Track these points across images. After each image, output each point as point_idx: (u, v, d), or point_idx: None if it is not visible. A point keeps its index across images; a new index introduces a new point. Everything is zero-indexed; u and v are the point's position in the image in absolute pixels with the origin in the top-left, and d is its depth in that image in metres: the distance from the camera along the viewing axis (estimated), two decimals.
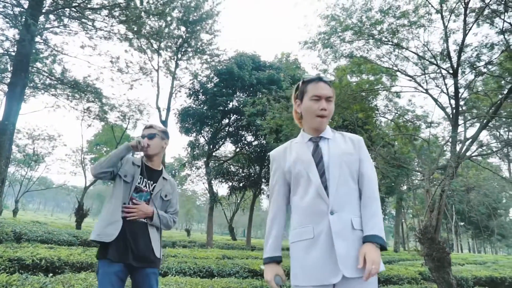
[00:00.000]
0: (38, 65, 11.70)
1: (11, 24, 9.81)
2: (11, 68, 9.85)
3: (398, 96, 10.86)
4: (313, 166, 1.69)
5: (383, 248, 1.55)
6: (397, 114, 11.88)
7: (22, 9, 9.28)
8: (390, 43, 8.67)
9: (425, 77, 9.18)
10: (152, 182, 2.43)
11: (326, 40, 8.59)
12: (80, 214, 21.99)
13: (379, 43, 8.75)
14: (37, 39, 10.31)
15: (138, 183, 2.37)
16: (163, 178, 2.50)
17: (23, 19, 8.96)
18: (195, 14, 19.57)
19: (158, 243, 2.39)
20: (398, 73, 9.75)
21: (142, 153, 2.53)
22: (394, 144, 15.52)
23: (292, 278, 1.66)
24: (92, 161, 34.85)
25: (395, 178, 14.23)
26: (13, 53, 9.99)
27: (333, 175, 1.65)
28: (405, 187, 26.86)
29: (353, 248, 1.56)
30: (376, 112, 12.26)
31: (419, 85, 9.08)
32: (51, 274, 4.63)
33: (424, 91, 9.01)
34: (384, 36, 8.47)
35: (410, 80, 9.41)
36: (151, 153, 2.47)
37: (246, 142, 22.71)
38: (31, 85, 12.32)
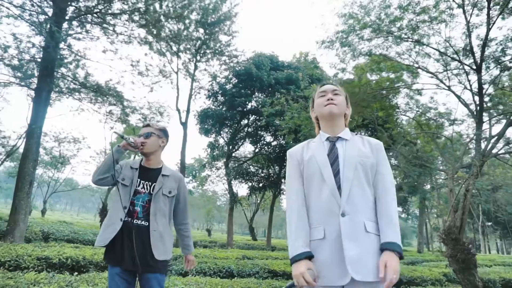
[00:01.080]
0: (63, 70, 12.10)
1: (36, 32, 10.20)
2: (38, 74, 10.23)
3: (419, 94, 10.61)
4: (327, 165, 1.68)
5: (401, 257, 1.53)
6: (418, 112, 11.61)
7: (47, 17, 9.63)
8: (410, 39, 8.49)
9: (447, 73, 8.94)
10: (150, 182, 2.38)
11: (344, 38, 8.50)
12: (104, 214, 22.64)
13: (399, 40, 8.58)
14: (61, 45, 10.66)
15: (137, 187, 2.34)
16: (163, 175, 2.42)
17: (48, 27, 9.29)
18: (213, 16, 19.74)
19: (162, 247, 2.27)
20: (419, 70, 9.54)
21: (141, 159, 2.52)
22: (416, 142, 15.19)
23: None
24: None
25: (417, 177, 13.91)
26: (39, 60, 10.38)
27: (347, 176, 1.63)
28: (428, 186, 26.22)
29: (366, 251, 1.54)
30: (397, 110, 12.03)
31: (441, 82, 8.85)
32: (76, 273, 4.79)
33: (447, 88, 8.77)
34: (403, 33, 8.31)
35: (432, 77, 9.18)
36: (147, 151, 2.43)
37: (265, 142, 22.74)
38: (56, 89, 12.74)
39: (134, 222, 2.24)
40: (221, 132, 22.21)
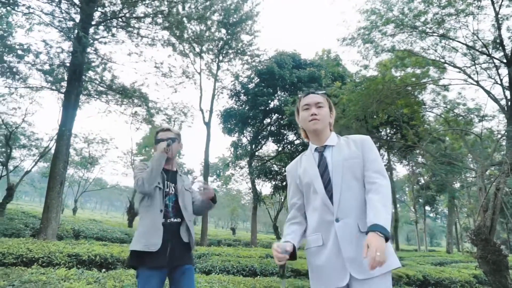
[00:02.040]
0: (90, 73, 12.54)
1: (65, 37, 10.62)
2: (67, 78, 10.64)
3: (446, 90, 10.27)
4: (318, 177, 1.77)
5: (386, 239, 1.52)
6: (446, 108, 11.24)
7: (74, 23, 10.01)
8: (436, 34, 8.23)
9: (475, 68, 8.62)
10: (174, 183, 2.53)
11: (366, 35, 8.34)
12: (132, 213, 23.31)
13: (424, 35, 8.34)
14: (89, 49, 11.04)
15: (166, 188, 2.47)
16: (179, 175, 2.62)
17: (75, 32, 9.66)
18: (235, 16, 19.87)
19: (192, 239, 2.45)
20: (445, 65, 9.24)
21: None
22: (444, 140, 14.72)
23: (312, 283, 1.79)
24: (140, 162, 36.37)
25: (445, 175, 13.47)
26: (67, 64, 10.80)
27: (336, 183, 1.71)
28: (458, 185, 25.35)
29: (362, 250, 1.56)
30: (424, 107, 11.69)
31: (469, 77, 8.54)
32: (104, 270, 4.97)
33: (475, 83, 8.46)
34: (428, 27, 8.06)
35: (459, 72, 8.88)
36: (172, 157, 2.55)
37: (288, 141, 22.65)
38: (85, 92, 13.22)
39: (168, 221, 2.38)
40: (244, 131, 22.32)
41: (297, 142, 22.04)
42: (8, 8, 9.62)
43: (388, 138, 17.07)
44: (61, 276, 3.90)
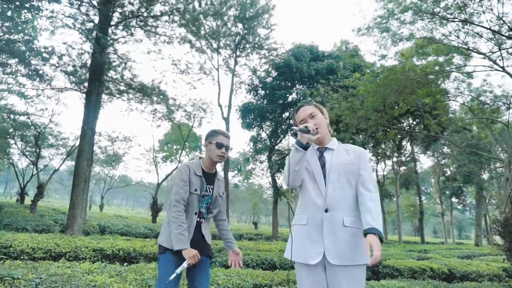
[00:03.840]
0: (112, 73, 12.85)
1: (84, 39, 10.92)
2: (88, 78, 10.95)
3: (470, 77, 9.90)
4: (319, 169, 2.05)
5: (381, 240, 1.80)
6: (470, 96, 10.85)
7: (93, 24, 10.27)
8: (457, 19, 7.93)
9: (501, 53, 8.26)
10: (212, 186, 2.63)
11: (382, 24, 8.12)
12: (155, 208, 23.85)
13: (445, 21, 8.05)
14: (108, 50, 11.31)
15: (204, 191, 2.57)
16: (217, 179, 2.69)
17: (94, 33, 9.91)
18: (251, 10, 19.84)
19: (209, 234, 2.61)
20: (469, 51, 8.89)
21: (202, 162, 2.62)
22: (471, 129, 14.23)
23: (285, 252, 2.08)
24: (163, 159, 37.09)
25: (473, 165, 13.05)
26: (88, 65, 11.11)
27: (332, 180, 1.99)
28: (486, 175, 24.51)
29: (342, 241, 1.89)
30: (447, 96, 11.32)
31: (495, 63, 8.20)
32: (126, 264, 5.13)
33: (501, 69, 8.12)
34: (449, 12, 7.77)
35: (484, 58, 8.54)
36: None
37: None
38: (107, 92, 13.56)
39: (200, 220, 2.56)
40: (263, 125, 22.33)
41: None
42: (33, 13, 9.97)
43: (410, 128, 16.66)
44: (85, 270, 4.06)
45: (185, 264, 2.33)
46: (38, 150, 19.69)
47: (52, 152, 24.57)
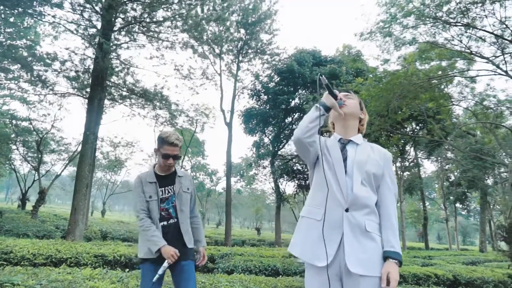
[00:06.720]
0: (114, 78, 12.90)
1: (87, 45, 10.96)
2: (90, 83, 10.99)
3: (473, 81, 9.85)
4: (340, 162, 1.81)
5: (400, 264, 1.67)
6: (474, 101, 10.79)
7: (96, 30, 10.31)
8: (460, 24, 7.90)
9: (504, 57, 8.22)
10: (171, 185, 2.62)
11: (385, 28, 8.11)
12: None
13: (447, 25, 8.02)
14: (111, 55, 11.34)
15: (162, 195, 2.57)
16: (178, 176, 2.67)
17: (97, 39, 9.95)
18: (254, 15, 19.89)
19: (189, 236, 2.59)
20: (472, 55, 8.86)
21: (153, 168, 2.66)
22: (475, 134, 14.16)
23: (290, 245, 1.84)
24: None
25: (477, 170, 12.95)
26: (91, 70, 11.14)
27: (356, 177, 1.75)
28: (490, 181, 24.34)
29: (364, 249, 1.67)
30: (451, 100, 11.26)
31: (498, 67, 8.16)
32: (127, 270, 5.08)
33: (504, 73, 8.07)
34: (452, 17, 7.75)
35: (487, 63, 8.50)
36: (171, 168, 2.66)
37: None
38: (109, 97, 13.59)
39: (169, 223, 2.55)
40: (266, 130, 22.31)
41: None
42: (36, 18, 10.03)
43: (414, 133, 16.59)
44: (86, 276, 4.01)
45: (165, 264, 2.35)
46: (40, 156, 19.73)
47: (54, 157, 24.61)
